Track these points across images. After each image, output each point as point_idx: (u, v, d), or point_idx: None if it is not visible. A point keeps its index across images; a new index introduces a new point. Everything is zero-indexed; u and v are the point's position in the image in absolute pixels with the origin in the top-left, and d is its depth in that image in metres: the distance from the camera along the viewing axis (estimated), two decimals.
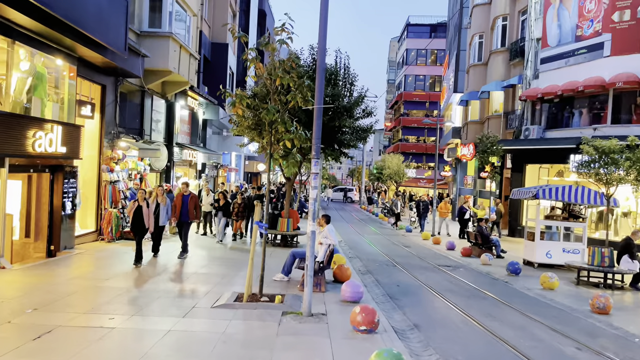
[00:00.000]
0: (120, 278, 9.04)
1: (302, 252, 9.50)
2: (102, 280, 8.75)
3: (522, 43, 24.58)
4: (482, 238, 15.33)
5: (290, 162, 7.55)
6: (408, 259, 14.30)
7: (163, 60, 15.64)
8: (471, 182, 31.40)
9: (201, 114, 22.93)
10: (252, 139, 15.77)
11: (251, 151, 35.90)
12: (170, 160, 18.45)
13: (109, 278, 8.98)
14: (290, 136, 7.41)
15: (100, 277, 9.06)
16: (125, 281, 8.83)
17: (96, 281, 8.68)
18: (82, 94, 12.74)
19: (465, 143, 29.50)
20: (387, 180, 35.28)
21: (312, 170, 6.74)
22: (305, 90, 7.49)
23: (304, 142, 7.54)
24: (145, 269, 10.07)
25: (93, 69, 12.66)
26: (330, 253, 8.84)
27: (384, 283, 10.46)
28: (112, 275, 9.26)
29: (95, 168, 13.49)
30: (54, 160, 10.91)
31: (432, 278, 11.40)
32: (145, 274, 9.66)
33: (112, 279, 8.95)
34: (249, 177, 41.80)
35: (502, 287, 10.95)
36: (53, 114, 10.83)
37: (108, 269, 9.90)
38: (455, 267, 13.35)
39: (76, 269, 9.94)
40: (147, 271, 9.91)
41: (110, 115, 13.90)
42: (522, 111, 23.62)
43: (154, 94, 16.96)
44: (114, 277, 9.07)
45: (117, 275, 9.28)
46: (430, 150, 58.10)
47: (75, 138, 11.31)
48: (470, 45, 31.11)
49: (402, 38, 65.92)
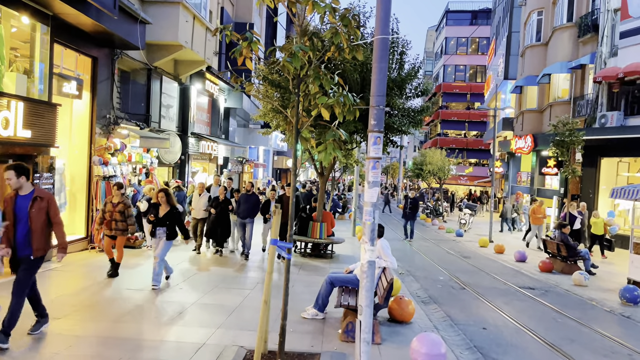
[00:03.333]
0: (83, 310, 6.37)
1: (344, 278, 6.61)
2: (68, 309, 6.10)
3: (594, 16, 20.96)
4: (567, 249, 12.08)
5: (327, 144, 4.64)
6: (476, 277, 11.20)
7: (172, 32, 13.00)
8: (526, 179, 27.82)
9: (222, 102, 20.29)
10: (278, 125, 13.08)
11: (279, 145, 33.32)
12: (184, 153, 15.87)
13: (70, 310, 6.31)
14: (328, 101, 4.52)
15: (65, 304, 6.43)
16: (87, 316, 6.13)
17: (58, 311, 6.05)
18: (67, 67, 10.20)
19: (520, 135, 25.97)
20: (428, 177, 31.98)
21: (370, 153, 3.85)
22: (353, 30, 4.58)
23: (349, 110, 4.63)
24: (119, 295, 7.38)
25: (79, 36, 10.09)
26: (389, 285, 5.88)
27: (462, 322, 7.40)
28: (76, 304, 6.60)
29: (86, 160, 10.95)
30: (19, 149, 8.37)
31: (524, 311, 8.30)
32: (117, 303, 6.96)
33: (70, 314, 6.28)
34: (278, 174, 39.19)
35: (629, 327, 7.77)
36: (17, 88, 8.27)
37: (80, 294, 7.26)
38: (541, 289, 10.19)
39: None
40: (121, 300, 7.21)
41: (105, 96, 11.33)
42: (595, 95, 20.03)
43: (163, 74, 14.37)
44: (75, 310, 6.40)
45: (81, 304, 6.61)
46: (472, 145, 54.25)
47: (48, 120, 8.73)
48: (525, 24, 27.49)
49: (441, 26, 62.04)
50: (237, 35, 4.92)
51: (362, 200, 26.05)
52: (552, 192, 23.41)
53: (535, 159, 25.35)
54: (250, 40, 4.76)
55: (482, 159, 54.60)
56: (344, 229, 18.12)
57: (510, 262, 13.66)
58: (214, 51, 16.78)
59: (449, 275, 11.11)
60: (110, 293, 7.37)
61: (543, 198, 24.89)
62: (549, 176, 24.16)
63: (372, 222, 3.82)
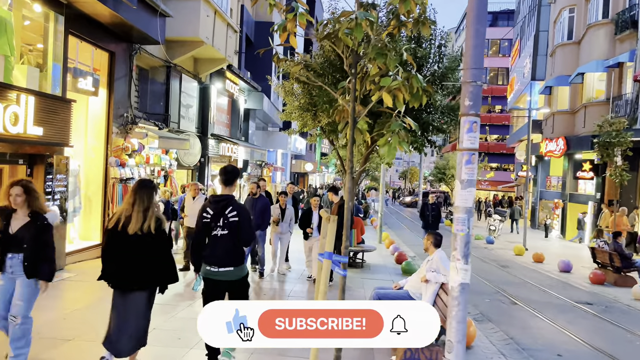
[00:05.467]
0: (100, 326, 5.59)
1: (395, 296, 5.76)
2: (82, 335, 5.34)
3: (632, 12, 19.85)
4: (622, 259, 11.05)
5: (392, 135, 3.76)
6: (523, 290, 10.22)
7: (192, 27, 12.32)
8: (557, 184, 26.62)
9: (242, 103, 19.59)
10: (304, 125, 12.25)
11: (298, 149, 32.51)
12: (204, 155, 15.16)
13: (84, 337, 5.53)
14: (393, 83, 3.68)
15: (80, 320, 5.67)
16: None
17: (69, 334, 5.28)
18: (82, 61, 9.54)
19: (551, 137, 24.82)
20: (452, 182, 30.95)
21: (464, 143, 3.01)
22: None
23: (416, 96, 3.78)
24: None
25: (96, 28, 9.43)
26: None
27: (529, 347, 6.37)
28: (91, 319, 5.83)
29: (102, 161, 10.26)
30: (30, 148, 7.68)
31: (593, 331, 7.32)
32: None
33: (85, 333, 5.50)
34: (296, 178, 38.43)
35: None
36: (28, 82, 7.59)
37: (96, 307, 6.49)
38: (600, 305, 9.18)
39: (50, 307, 6.59)
40: None
41: (122, 94, 10.65)
42: (635, 95, 18.89)
43: (183, 72, 13.68)
44: (90, 329, 5.63)
45: (97, 319, 5.84)
46: (493, 149, 52.85)
47: (62, 117, 8.04)
48: (555, 22, 26.40)
49: (460, 28, 60.90)
50: (281, 6, 4.12)
51: (376, 205, 24.54)
52: (586, 198, 22.23)
53: (567, 163, 24.18)
54: (297, 11, 3.93)
55: (503, 164, 53.22)
56: (368, 236, 17.21)
57: (554, 273, 12.63)
58: (235, 50, 16.08)
59: (493, 288, 10.15)
60: None
61: (575, 203, 23.73)
62: (582, 180, 22.99)
63: (466, 234, 2.98)
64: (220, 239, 4.29)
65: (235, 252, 4.34)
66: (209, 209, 4.35)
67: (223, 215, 4.28)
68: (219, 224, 4.29)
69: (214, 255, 4.30)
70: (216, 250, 4.30)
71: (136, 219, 4.02)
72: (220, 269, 4.28)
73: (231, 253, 4.32)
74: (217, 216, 4.30)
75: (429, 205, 14.20)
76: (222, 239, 4.29)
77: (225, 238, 4.29)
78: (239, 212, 4.31)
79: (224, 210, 4.29)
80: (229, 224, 4.29)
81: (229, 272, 4.29)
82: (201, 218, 4.36)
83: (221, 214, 4.29)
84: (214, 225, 4.30)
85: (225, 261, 4.28)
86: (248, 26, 20.98)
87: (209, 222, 4.32)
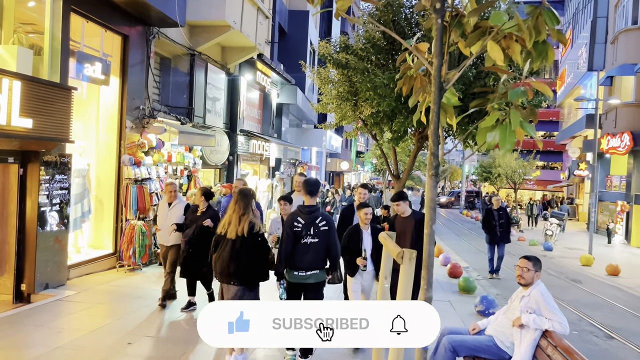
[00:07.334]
0: None
1: (474, 344, 4.19)
2: None
3: None
4: None
5: (510, 111, 2.28)
6: (612, 316, 8.37)
7: (218, 9, 11.00)
8: (619, 184, 24.16)
9: (275, 97, 18.24)
10: (343, 117, 10.76)
11: (333, 147, 30.99)
12: (232, 153, 13.88)
13: None
14: (505, 24, 2.16)
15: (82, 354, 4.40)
16: None
17: None
18: (89, 45, 8.33)
19: (613, 133, 22.45)
20: (498, 181, 28.81)
21: None
22: None
23: (540, 53, 2.26)
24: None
25: (105, 7, 8.21)
26: None
27: None
28: (100, 350, 4.54)
29: (115, 160, 9.06)
30: (18, 143, 6.48)
31: None
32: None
33: None
34: (331, 177, 36.96)
35: None
36: (19, 65, 6.37)
37: (107, 336, 5.21)
38: None
39: (35, 340, 5.34)
40: None
41: (138, 83, 9.41)
42: None
43: (209, 61, 12.40)
44: None
45: (107, 350, 4.53)
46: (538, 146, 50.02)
47: (59, 107, 6.81)
48: (617, 7, 23.95)
49: None
50: None
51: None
52: None
53: (633, 160, 21.77)
54: None
55: (550, 162, 50.25)
56: None
57: (638, 290, 10.69)
58: (266, 39, 14.72)
59: (575, 313, 8.35)
60: (151, 330, 5.27)
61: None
62: None
63: None
64: (310, 246, 4.62)
65: (322, 257, 4.69)
66: (300, 218, 4.64)
67: (314, 225, 4.62)
68: (310, 233, 4.61)
69: (303, 261, 4.61)
70: (306, 257, 4.61)
71: (234, 224, 4.53)
72: (307, 273, 4.63)
73: (319, 258, 4.67)
74: (308, 225, 4.62)
75: (493, 212, 10.69)
76: (312, 246, 4.62)
77: (315, 245, 4.62)
78: (328, 222, 4.68)
79: (315, 219, 4.63)
80: (319, 232, 4.63)
81: (314, 275, 4.64)
82: (292, 227, 4.60)
83: (312, 223, 4.62)
84: (304, 234, 4.61)
85: (313, 265, 4.63)
86: (281, 15, 19.64)
87: (300, 231, 4.60)
